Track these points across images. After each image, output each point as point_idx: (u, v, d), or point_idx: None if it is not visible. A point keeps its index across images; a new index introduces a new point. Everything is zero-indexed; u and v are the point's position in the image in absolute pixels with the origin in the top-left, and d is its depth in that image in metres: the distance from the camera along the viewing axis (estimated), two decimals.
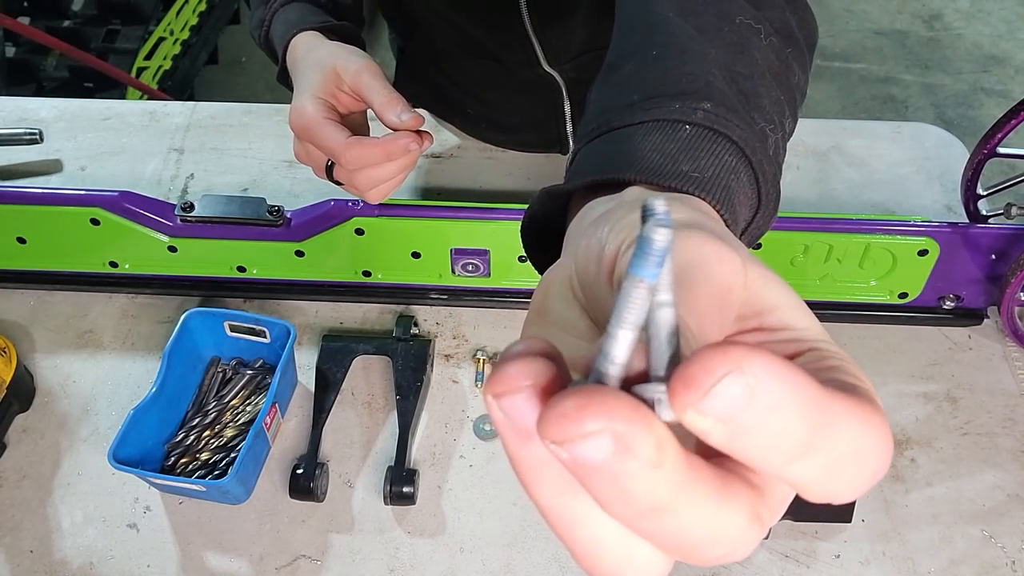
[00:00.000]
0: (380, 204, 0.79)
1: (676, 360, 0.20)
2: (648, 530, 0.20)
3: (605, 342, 0.20)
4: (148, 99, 2.11)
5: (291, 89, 0.71)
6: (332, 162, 0.63)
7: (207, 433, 0.75)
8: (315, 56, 0.67)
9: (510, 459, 0.21)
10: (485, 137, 1.03)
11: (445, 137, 1.04)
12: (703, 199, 0.33)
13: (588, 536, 0.21)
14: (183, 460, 0.74)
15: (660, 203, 0.20)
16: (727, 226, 0.33)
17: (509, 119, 0.98)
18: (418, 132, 0.63)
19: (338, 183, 0.65)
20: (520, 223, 0.38)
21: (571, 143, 0.98)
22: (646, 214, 0.20)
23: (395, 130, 0.62)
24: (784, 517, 0.71)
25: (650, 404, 0.20)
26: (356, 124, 0.66)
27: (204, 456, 0.74)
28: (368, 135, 0.66)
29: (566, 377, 0.21)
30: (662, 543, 0.20)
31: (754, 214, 0.39)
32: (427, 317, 0.87)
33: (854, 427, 0.20)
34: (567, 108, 0.92)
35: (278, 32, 0.72)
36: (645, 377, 0.21)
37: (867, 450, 0.20)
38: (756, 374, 0.18)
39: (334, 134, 0.60)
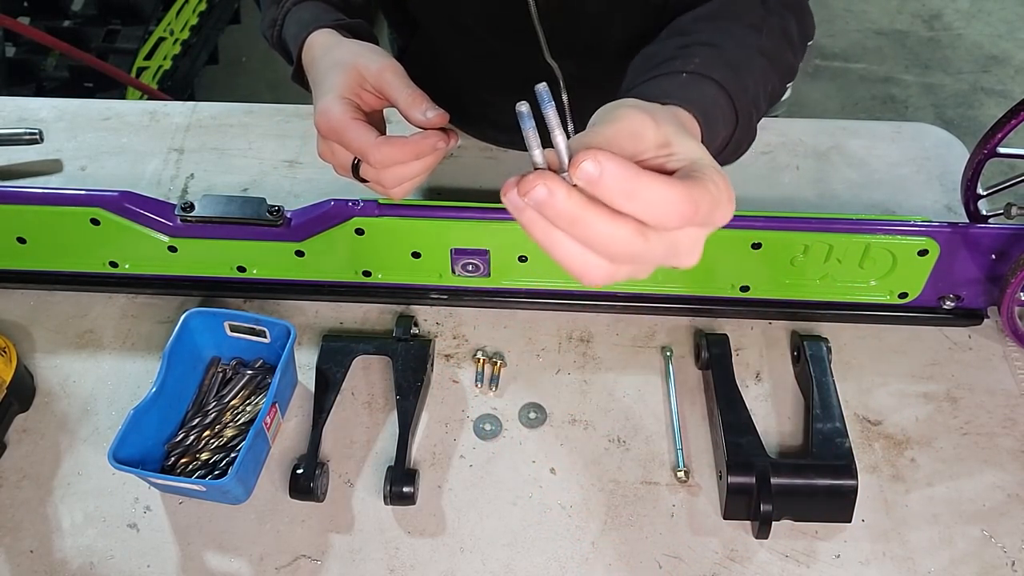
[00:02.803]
0: (380, 204, 0.80)
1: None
2: (581, 237, 0.41)
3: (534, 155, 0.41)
4: (148, 99, 2.11)
5: (306, 88, 0.70)
6: (358, 160, 0.64)
7: (207, 433, 0.75)
8: (335, 56, 0.67)
9: (524, 226, 0.42)
10: (487, 137, 1.03)
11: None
12: (682, 108, 0.54)
13: (564, 251, 0.42)
14: (183, 460, 0.74)
15: (541, 85, 0.40)
16: (701, 129, 0.54)
17: (509, 117, 0.98)
18: (443, 129, 0.64)
19: (363, 180, 0.66)
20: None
21: (570, 132, 0.98)
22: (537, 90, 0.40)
23: (421, 127, 0.63)
24: (784, 517, 0.71)
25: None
26: (376, 121, 0.67)
27: (204, 456, 0.74)
28: (385, 131, 0.66)
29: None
30: (592, 246, 0.41)
31: (732, 131, 0.60)
32: (427, 317, 0.87)
33: (654, 188, 0.39)
34: (565, 100, 0.92)
35: (291, 31, 0.72)
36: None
37: (660, 203, 0.39)
38: (600, 159, 0.38)
39: (363, 134, 0.61)
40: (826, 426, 0.74)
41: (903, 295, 0.83)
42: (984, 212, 0.84)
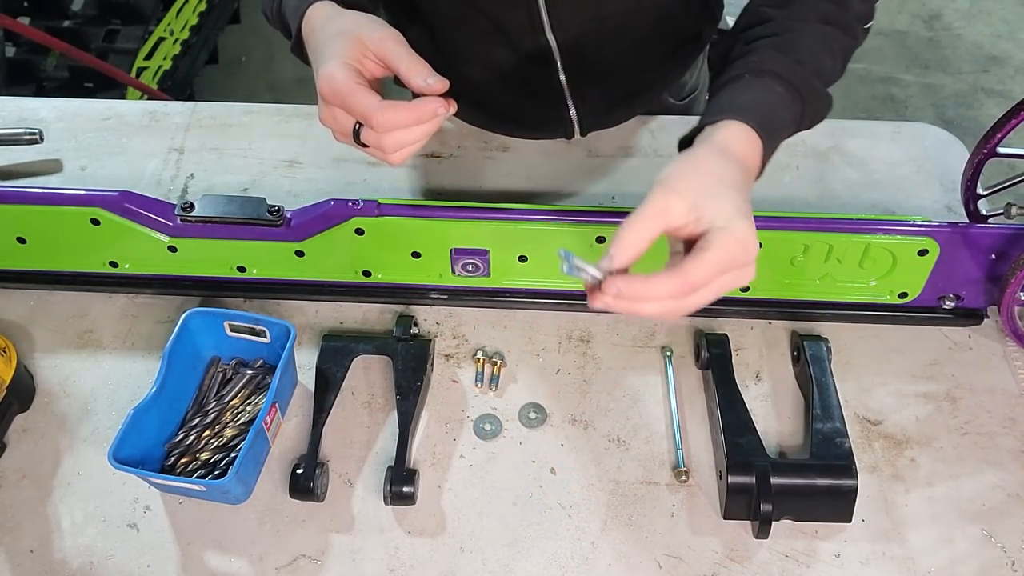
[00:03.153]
0: (380, 204, 0.80)
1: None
2: (634, 312, 0.58)
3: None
4: (148, 99, 2.11)
5: (305, 61, 0.71)
6: (359, 125, 0.65)
7: (207, 433, 0.75)
8: (336, 25, 0.68)
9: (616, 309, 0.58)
10: (489, 123, 1.02)
11: (446, 136, 1.04)
12: (738, 119, 0.65)
13: (644, 308, 0.57)
14: (183, 460, 0.74)
15: (562, 253, 0.58)
16: (760, 134, 0.65)
17: (509, 104, 0.98)
18: (445, 97, 0.66)
19: (364, 146, 0.67)
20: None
21: (572, 116, 0.98)
22: (562, 255, 0.58)
23: (422, 93, 0.64)
24: (784, 517, 0.71)
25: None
26: (376, 90, 0.68)
27: (204, 456, 0.74)
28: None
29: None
30: (643, 314, 0.58)
31: (801, 108, 0.69)
32: (427, 317, 0.87)
33: (653, 288, 0.57)
34: (563, 79, 0.92)
35: (291, 4, 0.72)
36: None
37: (661, 294, 0.57)
38: (618, 284, 0.57)
39: (367, 98, 0.62)
40: (826, 426, 0.74)
41: (903, 295, 0.83)
42: (984, 212, 0.84)
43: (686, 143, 0.67)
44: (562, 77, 0.91)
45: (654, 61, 0.96)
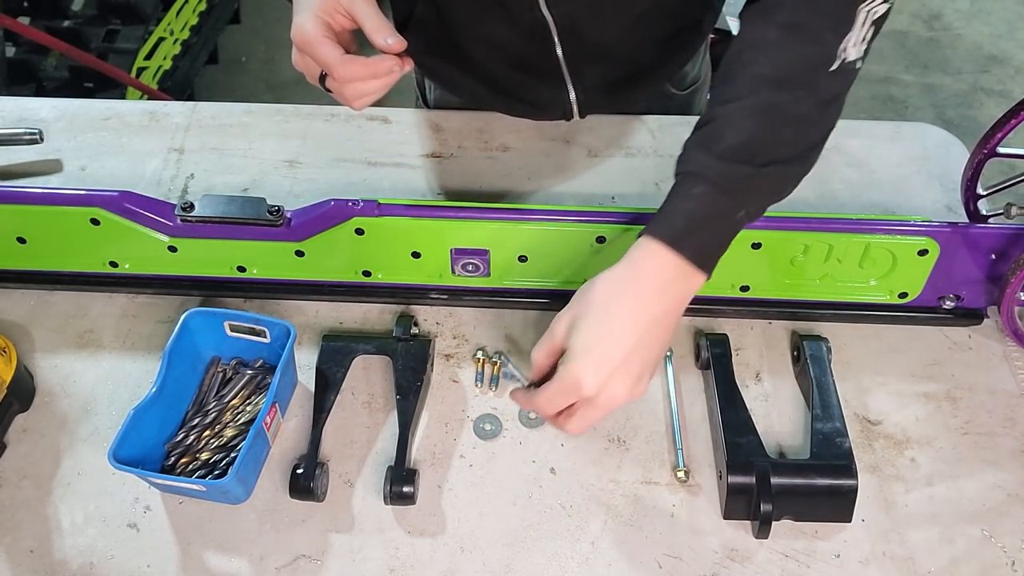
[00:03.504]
0: (380, 204, 0.80)
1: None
2: (554, 418, 0.67)
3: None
4: (148, 99, 2.11)
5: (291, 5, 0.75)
6: (325, 73, 0.72)
7: (207, 433, 0.75)
8: None
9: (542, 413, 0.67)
10: (491, 101, 1.03)
11: (446, 136, 1.04)
12: (647, 235, 0.66)
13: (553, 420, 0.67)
14: (183, 460, 0.74)
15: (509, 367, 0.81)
16: (667, 242, 0.65)
17: (511, 77, 0.98)
18: (400, 56, 0.72)
19: (328, 91, 0.74)
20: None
21: (571, 94, 0.98)
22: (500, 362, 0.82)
23: (382, 51, 0.71)
24: (784, 517, 0.71)
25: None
26: (345, 41, 0.74)
27: (204, 456, 0.74)
28: (354, 49, 0.74)
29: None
30: (547, 416, 0.68)
31: (732, 201, 0.65)
32: (427, 317, 0.87)
33: (534, 402, 0.67)
34: (559, 54, 0.92)
35: None
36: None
37: (539, 406, 0.66)
38: (517, 397, 0.70)
39: (331, 51, 0.69)
40: (826, 426, 0.74)
41: (903, 295, 0.83)
42: (984, 212, 0.84)
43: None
44: (559, 53, 0.92)
45: (651, 43, 0.96)
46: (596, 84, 0.98)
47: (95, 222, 0.82)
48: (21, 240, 0.85)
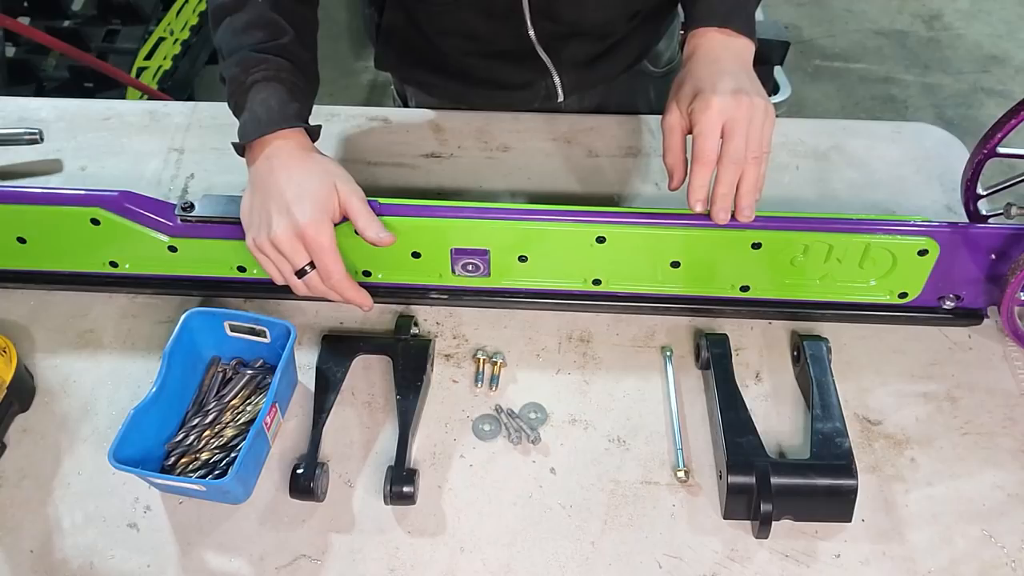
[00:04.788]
0: (380, 204, 0.80)
1: None
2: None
3: None
4: (148, 99, 2.11)
5: (239, 153, 0.79)
6: (308, 268, 0.75)
7: (207, 433, 0.75)
8: (314, 166, 0.76)
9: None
10: (470, 96, 1.04)
11: (446, 136, 1.04)
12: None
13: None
14: (183, 460, 0.74)
15: None
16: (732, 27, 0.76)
17: (486, 65, 0.99)
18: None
19: (297, 285, 0.77)
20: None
21: (552, 73, 1.00)
22: None
23: (373, 244, 0.77)
24: (784, 517, 0.71)
25: None
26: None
27: (204, 456, 0.74)
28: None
29: None
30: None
31: None
32: (427, 317, 0.87)
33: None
34: (531, 34, 0.93)
35: (249, 124, 0.78)
36: None
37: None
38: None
39: (338, 265, 0.75)
40: (826, 426, 0.74)
41: (903, 295, 0.83)
42: (984, 212, 0.84)
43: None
44: (531, 34, 0.93)
45: (623, 18, 0.97)
46: (573, 61, 0.99)
47: (95, 222, 0.82)
48: (21, 240, 0.85)
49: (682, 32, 0.81)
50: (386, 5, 0.98)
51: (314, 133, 0.80)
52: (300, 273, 0.75)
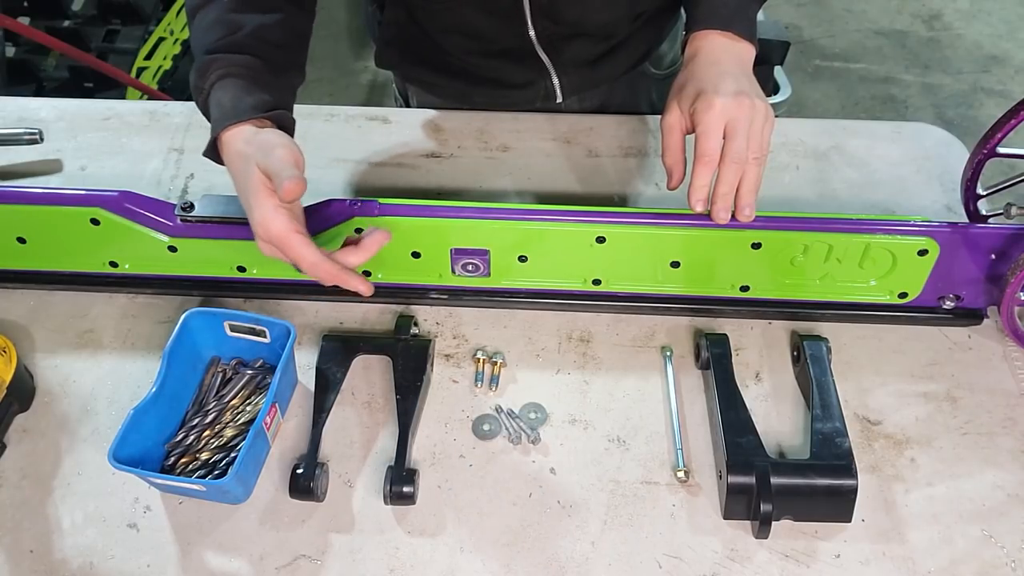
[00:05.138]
0: (380, 204, 0.80)
1: None
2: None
3: None
4: (148, 99, 2.11)
5: (218, 161, 0.75)
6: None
7: (207, 433, 0.75)
8: (239, 160, 0.71)
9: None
10: (471, 94, 1.04)
11: (446, 136, 1.04)
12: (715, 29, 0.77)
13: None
14: (183, 460, 0.74)
15: None
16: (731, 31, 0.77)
17: (486, 63, 0.99)
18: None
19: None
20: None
21: (551, 75, 1.00)
22: None
23: (284, 192, 0.69)
24: (784, 517, 0.71)
25: None
26: (298, 210, 0.74)
27: (204, 456, 0.74)
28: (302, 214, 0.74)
29: None
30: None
31: None
32: (427, 317, 0.87)
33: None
34: (532, 34, 0.93)
35: (213, 114, 0.74)
36: None
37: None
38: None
39: (304, 251, 0.70)
40: (826, 426, 0.74)
41: (903, 295, 0.83)
42: (984, 212, 0.84)
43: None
44: (532, 34, 0.93)
45: (626, 19, 0.97)
46: (573, 62, 0.99)
47: (95, 222, 0.82)
48: (21, 240, 0.85)
49: (684, 33, 0.81)
50: (387, 2, 0.98)
51: (279, 119, 0.75)
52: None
